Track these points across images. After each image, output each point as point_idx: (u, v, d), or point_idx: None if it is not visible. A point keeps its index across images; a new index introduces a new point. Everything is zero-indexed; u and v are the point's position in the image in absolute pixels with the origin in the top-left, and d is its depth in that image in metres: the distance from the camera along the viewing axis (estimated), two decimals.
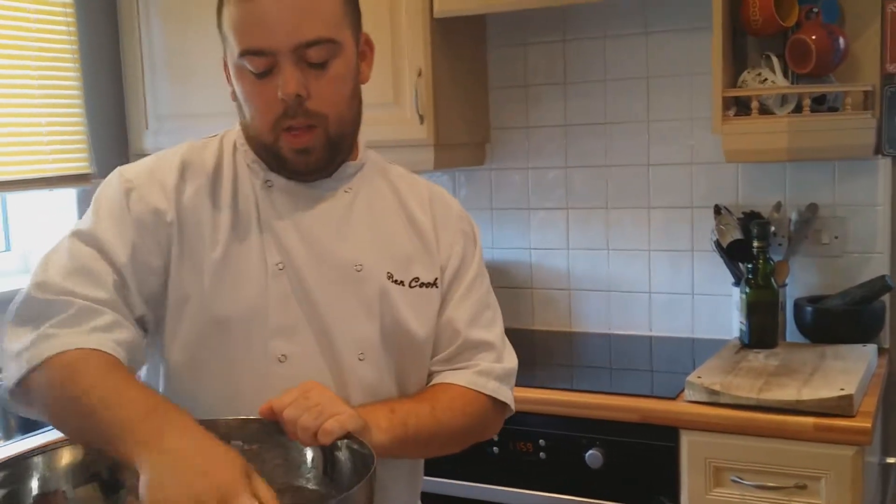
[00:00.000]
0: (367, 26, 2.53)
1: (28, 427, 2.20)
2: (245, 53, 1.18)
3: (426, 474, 2.14)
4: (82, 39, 2.75)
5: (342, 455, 1.07)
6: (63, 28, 2.69)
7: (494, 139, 2.74)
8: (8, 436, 2.29)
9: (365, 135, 2.58)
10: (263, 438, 1.11)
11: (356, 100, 1.27)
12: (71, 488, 1.05)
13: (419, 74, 2.38)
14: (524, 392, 2.09)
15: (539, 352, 2.59)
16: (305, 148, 1.21)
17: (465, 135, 2.61)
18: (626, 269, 2.62)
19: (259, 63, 1.17)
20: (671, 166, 2.53)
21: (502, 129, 2.73)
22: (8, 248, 2.77)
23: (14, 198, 2.75)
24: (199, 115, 2.72)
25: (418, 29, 2.38)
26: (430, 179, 2.92)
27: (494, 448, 2.10)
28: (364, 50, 1.29)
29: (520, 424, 2.07)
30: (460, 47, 2.56)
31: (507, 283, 2.78)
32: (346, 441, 1.06)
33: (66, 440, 1.08)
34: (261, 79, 1.19)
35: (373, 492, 0.98)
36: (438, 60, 2.42)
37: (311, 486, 1.09)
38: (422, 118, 2.39)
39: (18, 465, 1.03)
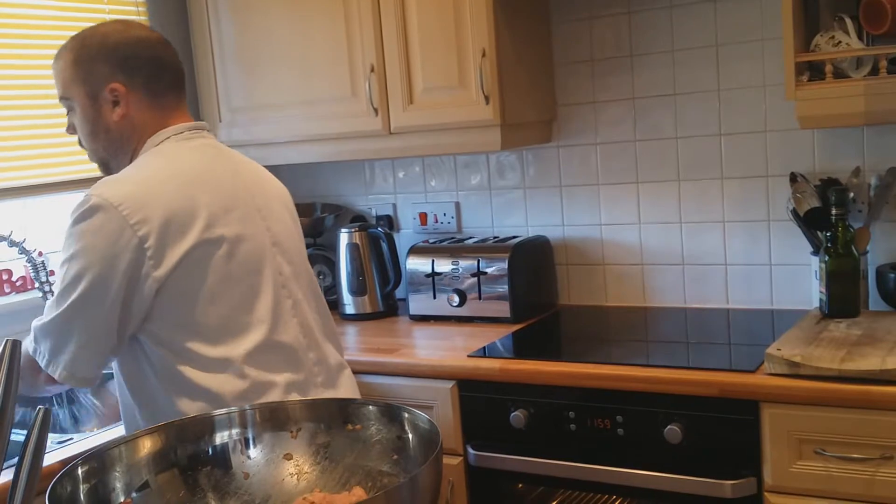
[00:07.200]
0: (430, 9, 2.56)
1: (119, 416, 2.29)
2: None
3: (507, 453, 2.17)
4: None
5: (409, 434, 1.10)
6: None
7: (561, 116, 2.73)
8: (101, 424, 2.38)
9: (431, 118, 2.62)
10: (331, 420, 1.14)
11: (102, 134, 1.69)
12: (153, 476, 1.09)
13: (483, 55, 2.38)
14: (601, 369, 2.09)
15: (614, 328, 2.58)
16: (94, 163, 1.76)
17: (531, 113, 2.61)
18: (700, 242, 2.58)
19: None
20: (744, 135, 2.48)
21: (569, 105, 2.71)
22: None
23: None
24: (269, 105, 2.78)
25: (481, 9, 2.38)
26: (498, 159, 2.95)
27: (572, 425, 2.11)
28: (113, 98, 1.66)
29: (597, 401, 2.07)
30: (523, 25, 2.55)
31: (578, 259, 2.77)
32: (411, 419, 1.08)
33: (147, 430, 1.13)
34: None
35: (440, 470, 1.00)
36: (502, 40, 2.42)
37: (379, 465, 1.12)
38: (487, 99, 2.40)
39: (102, 457, 1.06)
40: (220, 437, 1.15)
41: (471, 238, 2.82)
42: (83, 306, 1.54)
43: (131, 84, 1.66)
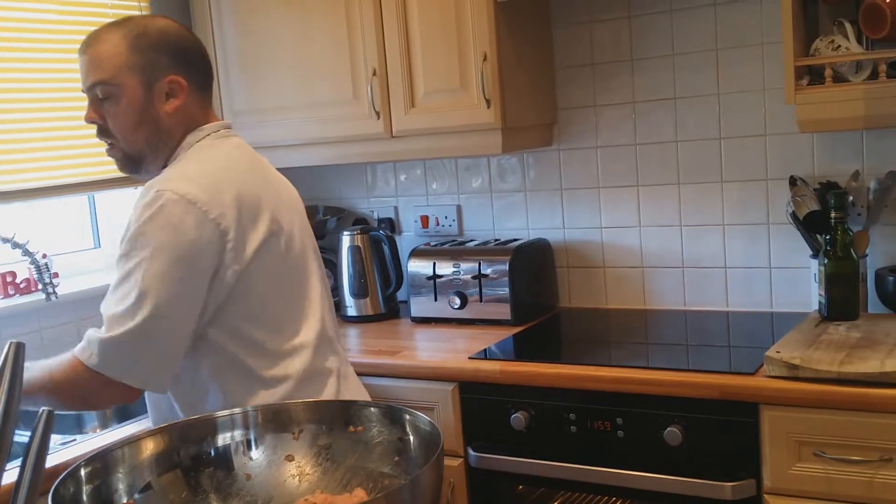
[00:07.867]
0: (431, 13, 2.57)
1: (122, 416, 2.30)
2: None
3: (507, 455, 2.18)
4: None
5: (410, 436, 1.10)
6: None
7: (562, 119, 2.74)
8: (104, 425, 2.39)
9: (433, 121, 2.63)
10: (333, 422, 1.15)
11: (145, 127, 1.62)
12: (156, 477, 1.10)
13: (484, 59, 2.39)
14: (601, 371, 2.10)
15: (614, 330, 2.59)
16: (112, 158, 1.70)
17: (532, 117, 2.62)
18: (700, 245, 2.59)
19: (87, 97, 1.65)
20: (744, 139, 2.49)
21: (569, 108, 2.72)
22: (97, 246, 2.88)
23: (102, 197, 2.86)
24: (272, 108, 2.79)
25: (482, 13, 2.39)
26: (499, 162, 2.96)
27: (572, 427, 2.12)
28: (168, 90, 1.63)
29: (597, 403, 2.08)
30: (525, 29, 2.56)
31: (579, 262, 2.78)
32: (413, 421, 1.09)
33: (150, 431, 1.14)
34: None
35: (441, 472, 1.01)
36: (503, 43, 2.43)
37: (381, 467, 1.13)
38: (488, 102, 2.41)
39: (106, 458, 1.06)
40: (223, 439, 1.16)
41: (472, 241, 2.83)
42: (169, 305, 1.48)
43: (189, 78, 1.65)
